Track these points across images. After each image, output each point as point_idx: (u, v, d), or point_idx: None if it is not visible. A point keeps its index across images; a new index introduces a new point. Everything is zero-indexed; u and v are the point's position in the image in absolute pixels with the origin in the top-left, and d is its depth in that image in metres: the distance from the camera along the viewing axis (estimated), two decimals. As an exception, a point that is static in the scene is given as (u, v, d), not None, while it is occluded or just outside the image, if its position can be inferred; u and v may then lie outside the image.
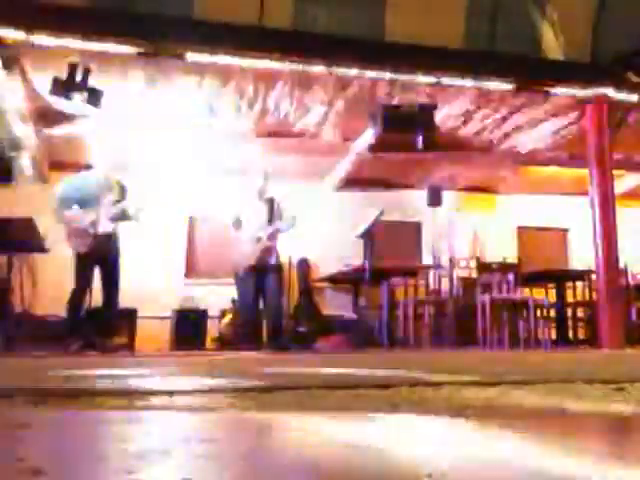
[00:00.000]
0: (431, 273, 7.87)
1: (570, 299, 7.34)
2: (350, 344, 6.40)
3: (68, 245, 4.93)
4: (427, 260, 8.63)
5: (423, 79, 5.57)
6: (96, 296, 5.05)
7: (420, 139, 6.25)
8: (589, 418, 1.30)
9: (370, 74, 5.50)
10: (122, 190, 5.14)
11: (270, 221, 5.43)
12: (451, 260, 7.92)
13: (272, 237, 5.42)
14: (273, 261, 5.39)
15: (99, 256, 4.92)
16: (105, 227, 4.93)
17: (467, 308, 6.87)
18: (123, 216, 5.09)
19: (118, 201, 5.02)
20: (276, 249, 5.49)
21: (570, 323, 7.33)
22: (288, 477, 0.75)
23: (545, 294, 7.15)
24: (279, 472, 0.77)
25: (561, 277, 7.31)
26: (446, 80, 5.59)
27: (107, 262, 4.99)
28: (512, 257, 8.04)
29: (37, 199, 7.31)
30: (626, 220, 7.19)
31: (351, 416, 1.31)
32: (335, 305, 8.25)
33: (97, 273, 5.03)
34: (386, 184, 8.63)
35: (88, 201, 4.94)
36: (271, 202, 5.52)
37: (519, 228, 9.37)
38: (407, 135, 6.21)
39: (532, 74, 5.88)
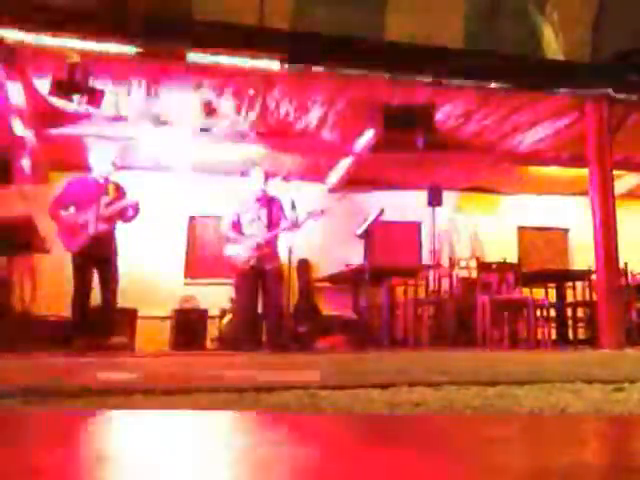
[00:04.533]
0: (431, 273, 7.87)
1: (570, 299, 7.34)
2: (350, 344, 6.40)
3: (63, 245, 4.95)
4: (427, 260, 8.63)
5: (423, 79, 5.57)
6: (95, 296, 5.06)
7: (420, 139, 6.25)
8: (589, 418, 1.30)
9: (370, 74, 5.50)
10: (120, 191, 5.15)
11: (270, 224, 5.42)
12: (451, 260, 7.92)
13: (271, 242, 5.41)
14: (272, 263, 5.38)
15: (95, 257, 4.94)
16: (100, 228, 4.94)
17: (467, 308, 6.87)
18: (120, 217, 5.10)
19: (114, 202, 5.03)
20: (276, 251, 5.47)
21: (570, 323, 7.33)
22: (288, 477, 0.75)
23: (545, 294, 7.15)
24: (278, 473, 0.77)
25: (561, 277, 7.31)
26: (446, 80, 5.59)
27: (104, 262, 5.01)
28: (512, 257, 8.04)
29: (37, 199, 7.33)
30: (626, 220, 7.19)
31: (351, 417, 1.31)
32: (335, 305, 8.25)
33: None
34: (386, 184, 8.63)
35: (84, 202, 4.96)
36: (271, 204, 5.50)
37: (519, 228, 9.37)
38: (407, 135, 6.21)
39: (532, 74, 5.88)
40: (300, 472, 0.77)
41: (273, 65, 5.25)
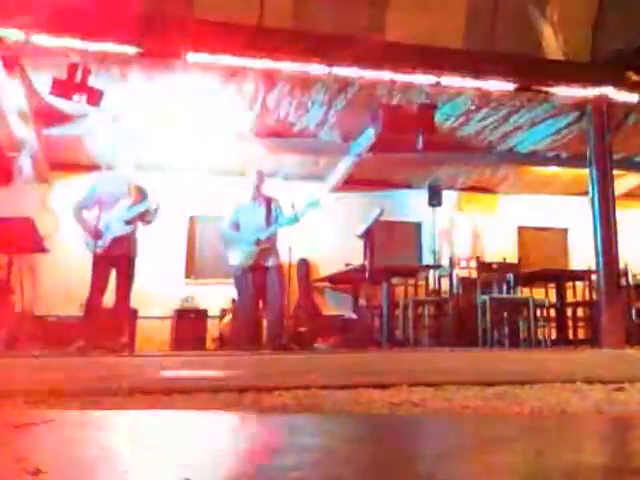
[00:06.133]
0: (431, 273, 7.86)
1: (570, 299, 7.34)
2: (350, 344, 6.40)
3: (85, 245, 4.95)
4: (427, 260, 8.63)
5: (423, 79, 5.57)
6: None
7: (420, 139, 6.24)
8: (589, 418, 1.30)
9: (370, 74, 5.50)
10: (141, 193, 5.14)
11: (268, 222, 5.42)
12: (451, 260, 7.93)
13: (270, 239, 5.41)
14: (272, 262, 5.38)
15: (116, 258, 4.93)
16: (122, 230, 4.94)
17: (467, 308, 6.87)
18: (141, 219, 5.09)
19: (136, 204, 5.01)
20: (276, 250, 5.48)
21: (570, 323, 7.33)
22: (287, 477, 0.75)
23: (545, 294, 7.15)
24: (278, 472, 0.77)
25: (561, 277, 7.31)
26: (446, 80, 5.58)
27: (123, 263, 4.99)
28: (512, 257, 8.04)
29: (37, 199, 7.33)
30: (626, 220, 7.19)
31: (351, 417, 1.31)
32: (335, 305, 8.25)
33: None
34: (386, 184, 8.63)
35: (108, 203, 4.95)
36: (269, 203, 5.52)
37: (519, 228, 9.37)
38: (407, 135, 6.20)
39: (532, 74, 5.88)
40: (300, 472, 0.77)
41: (273, 65, 5.25)
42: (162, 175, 7.82)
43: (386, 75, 5.50)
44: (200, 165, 7.82)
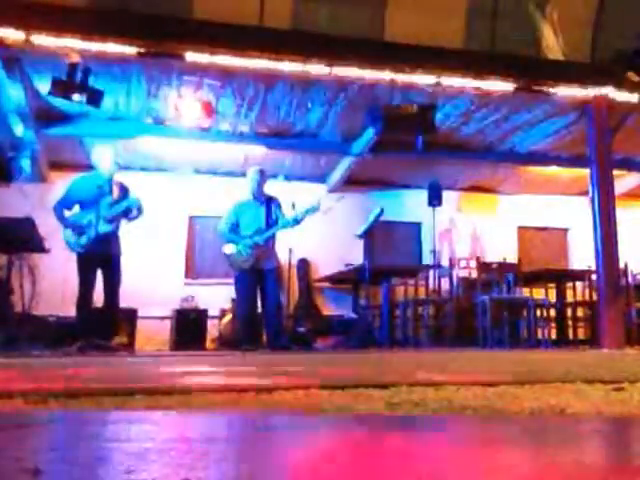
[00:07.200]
0: (431, 273, 7.87)
1: (570, 299, 7.34)
2: (350, 344, 6.40)
3: (67, 244, 4.96)
4: (427, 260, 8.63)
5: (423, 79, 5.57)
6: (97, 296, 5.06)
7: (420, 139, 6.25)
8: (589, 418, 1.30)
9: (370, 74, 5.50)
10: (123, 191, 5.14)
11: (268, 223, 5.42)
12: (451, 260, 7.93)
13: (269, 241, 5.41)
14: (271, 264, 5.38)
15: (100, 257, 4.94)
16: (104, 228, 4.94)
17: (467, 308, 6.87)
18: (124, 217, 5.09)
19: (118, 202, 5.02)
20: (274, 252, 5.47)
21: (570, 323, 7.33)
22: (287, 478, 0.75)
23: (545, 294, 7.15)
24: (279, 473, 0.77)
25: (561, 277, 7.31)
26: (446, 80, 5.59)
27: (108, 262, 5.01)
28: (512, 257, 8.04)
29: (37, 199, 7.33)
30: (626, 220, 7.20)
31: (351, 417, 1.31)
32: (335, 305, 8.25)
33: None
34: (386, 184, 8.63)
35: (89, 202, 4.96)
36: (269, 203, 5.51)
37: (519, 228, 9.37)
38: (407, 135, 6.21)
39: (532, 74, 5.88)
40: (300, 473, 0.77)
41: (273, 65, 5.25)
42: (162, 175, 7.83)
43: (386, 75, 5.50)
44: (200, 165, 7.82)
